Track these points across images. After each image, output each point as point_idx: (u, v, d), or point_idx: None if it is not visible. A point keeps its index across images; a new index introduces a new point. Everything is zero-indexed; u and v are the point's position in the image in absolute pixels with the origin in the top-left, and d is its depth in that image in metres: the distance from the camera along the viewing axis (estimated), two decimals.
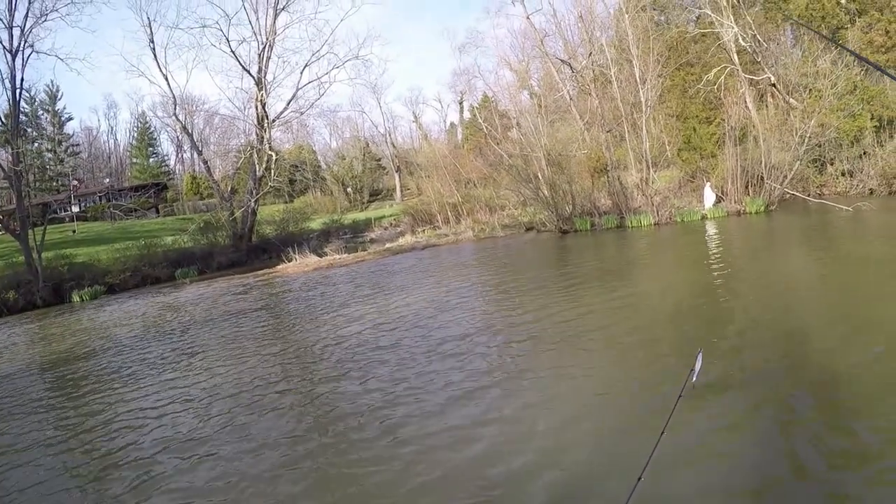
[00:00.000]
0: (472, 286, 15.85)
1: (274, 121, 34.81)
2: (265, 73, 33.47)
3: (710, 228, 21.33)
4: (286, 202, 49.24)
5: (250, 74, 33.59)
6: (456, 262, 21.56)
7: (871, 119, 25.89)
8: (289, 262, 26.24)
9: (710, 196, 23.75)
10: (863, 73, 27.17)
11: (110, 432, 7.86)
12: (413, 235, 30.21)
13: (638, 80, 26.17)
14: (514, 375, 7.84)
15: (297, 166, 47.48)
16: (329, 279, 20.98)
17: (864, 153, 25.74)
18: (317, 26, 57.58)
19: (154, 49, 34.13)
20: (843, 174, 26.24)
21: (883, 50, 28.06)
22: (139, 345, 13.76)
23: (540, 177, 25.19)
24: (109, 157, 75.32)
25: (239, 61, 33.43)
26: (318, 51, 35.38)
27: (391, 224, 38.26)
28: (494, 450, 5.76)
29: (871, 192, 24.56)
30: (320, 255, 27.03)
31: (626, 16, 27.72)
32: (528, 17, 36.44)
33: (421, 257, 24.10)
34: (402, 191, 54.17)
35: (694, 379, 3.20)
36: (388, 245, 28.77)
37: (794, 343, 7.83)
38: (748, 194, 23.80)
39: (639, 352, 8.23)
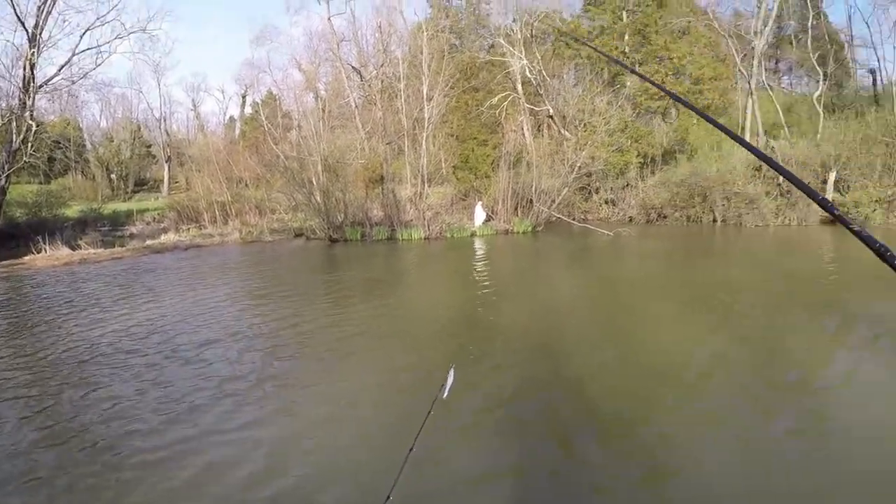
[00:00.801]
0: (231, 292, 14.56)
1: (41, 86, 30.37)
2: (41, 30, 28.95)
3: (479, 245, 21.62)
4: (42, 183, 43.02)
5: (25, 28, 28.99)
6: (219, 265, 19.79)
7: (637, 156, 27.66)
8: (38, 252, 22.85)
9: (480, 214, 23.90)
10: (634, 115, 28.92)
11: None
12: (177, 233, 27.67)
13: (424, 96, 25.82)
14: (258, 384, 7.47)
15: (59, 143, 41.92)
16: (78, 276, 18.22)
17: (628, 185, 27.48)
18: None
19: None
20: (606, 202, 27.99)
21: (657, 98, 30.14)
22: None
23: (314, 182, 23.96)
24: None
25: (15, 10, 28.61)
26: (104, 15, 30.96)
27: (154, 219, 34.82)
28: (222, 462, 5.45)
29: (631, 219, 26.44)
30: (73, 248, 23.80)
31: (425, 34, 27.44)
32: (329, 19, 35.61)
33: (182, 258, 21.90)
34: (170, 183, 49.99)
35: (445, 395, 2.96)
36: (148, 242, 26.02)
37: (548, 358, 8.10)
38: (517, 215, 24.22)
39: (394, 364, 8.09)
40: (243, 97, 55.29)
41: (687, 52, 30.98)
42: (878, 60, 38.45)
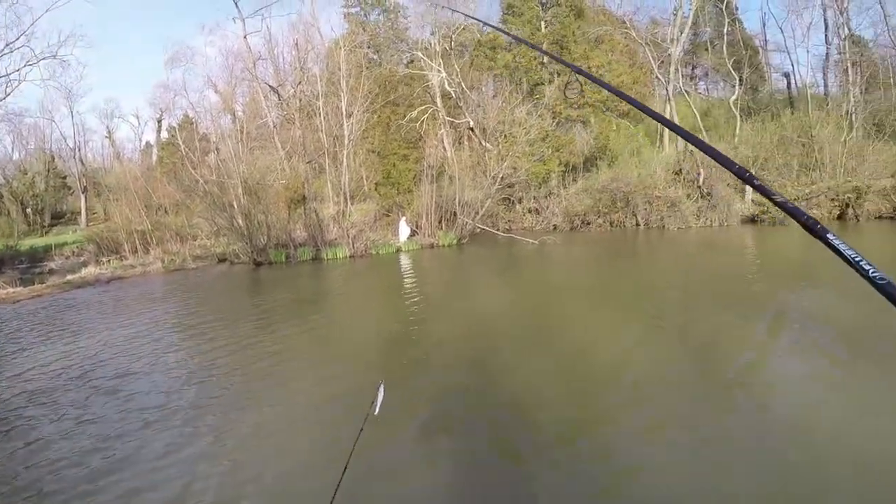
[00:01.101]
0: (154, 323, 13.90)
1: None
2: None
3: (405, 260, 21.59)
4: None
5: None
6: (141, 296, 18.99)
7: (559, 164, 28.06)
8: None
9: (404, 230, 23.85)
10: (554, 124, 29.30)
11: None
12: (97, 266, 26.64)
13: (344, 113, 25.64)
14: (179, 412, 7.25)
15: None
16: None
17: (551, 193, 27.83)
18: (17, 13, 49.55)
19: None
20: (529, 211, 28.36)
21: (575, 106, 30.65)
22: None
23: (235, 206, 23.44)
24: None
25: None
26: (12, 42, 30.28)
27: (74, 252, 33.41)
28: (142, 487, 5.35)
29: (555, 227, 26.93)
30: None
31: (342, 50, 27.29)
32: (245, 37, 34.97)
33: (104, 291, 21.07)
34: (87, 215, 48.18)
35: (376, 412, 2.99)
36: (69, 277, 24.95)
37: (478, 367, 8.25)
38: (441, 228, 24.22)
39: (325, 385, 7.98)
40: (159, 121, 53.45)
41: (605, 61, 31.58)
42: (792, 64, 40.29)
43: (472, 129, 29.65)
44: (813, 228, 1.03)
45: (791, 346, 8.39)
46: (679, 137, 30.94)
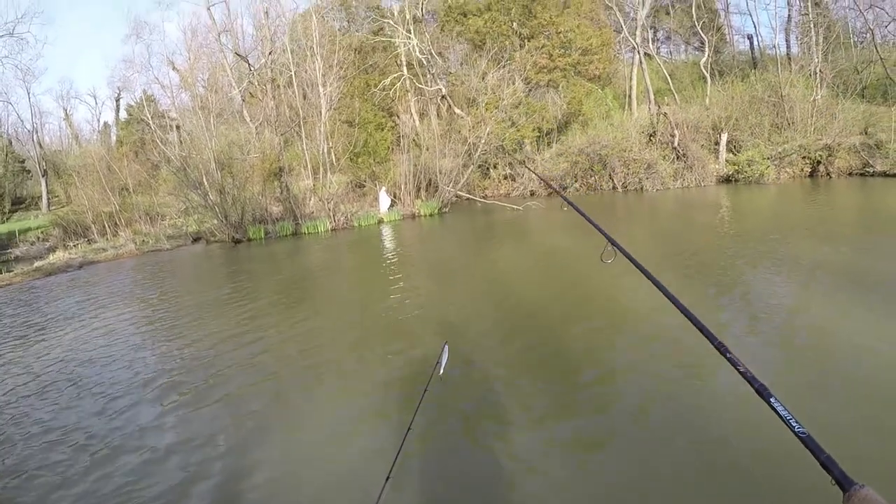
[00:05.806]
0: (139, 313, 12.58)
1: None
2: None
3: (391, 232, 21.18)
4: None
5: None
6: (117, 282, 17.76)
7: (532, 130, 28.01)
8: None
9: (385, 200, 23.52)
10: (527, 90, 29.22)
11: None
12: (65, 251, 25.75)
13: (319, 82, 25.10)
14: (227, 404, 6.62)
15: None
16: None
17: (527, 159, 27.80)
18: None
19: None
20: (505, 178, 28.23)
21: (546, 71, 30.51)
22: None
23: (206, 182, 22.71)
24: None
25: None
26: None
27: (39, 238, 32.34)
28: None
29: (532, 193, 26.97)
30: None
31: (315, 17, 26.67)
32: (209, 9, 33.70)
33: (77, 277, 20.09)
34: (49, 198, 46.25)
35: (441, 372, 3.01)
36: (37, 264, 24.05)
37: (517, 329, 8.15)
38: (420, 198, 23.83)
39: (375, 356, 7.67)
40: (117, 100, 51.03)
41: (574, 25, 31.42)
42: (755, 26, 40.50)
43: (444, 97, 29.31)
44: None
45: (786, 278, 9.47)
46: (651, 99, 31.43)
